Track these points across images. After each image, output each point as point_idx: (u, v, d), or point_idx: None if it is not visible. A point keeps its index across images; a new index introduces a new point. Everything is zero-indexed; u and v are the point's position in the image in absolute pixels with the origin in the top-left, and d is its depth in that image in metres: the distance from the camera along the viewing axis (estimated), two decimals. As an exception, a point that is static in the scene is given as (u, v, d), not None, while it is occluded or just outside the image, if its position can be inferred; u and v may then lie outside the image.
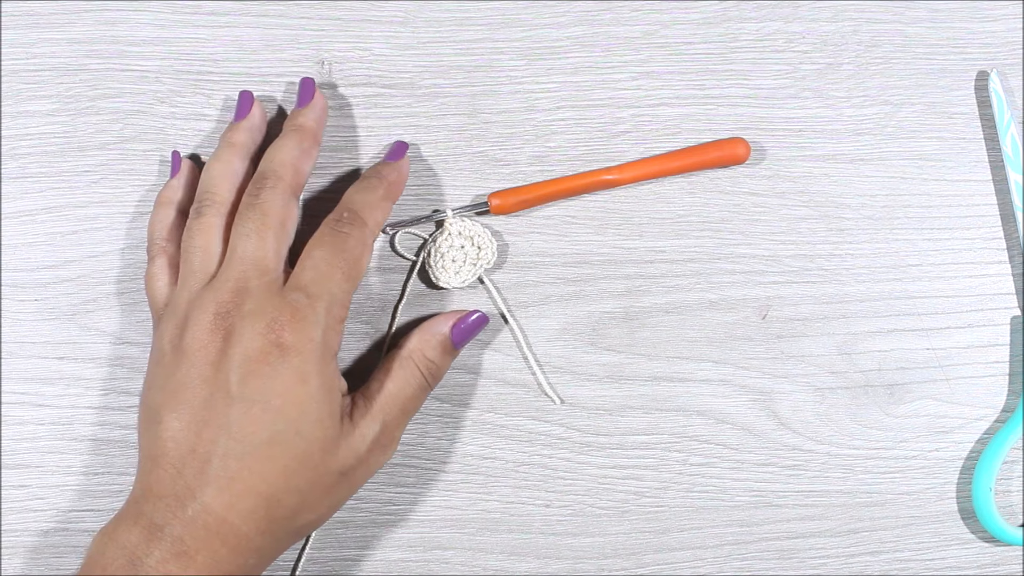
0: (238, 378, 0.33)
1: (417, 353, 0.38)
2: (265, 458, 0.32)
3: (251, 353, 0.33)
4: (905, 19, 0.43)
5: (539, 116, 0.42)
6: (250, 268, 0.35)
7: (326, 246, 0.35)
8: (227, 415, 0.32)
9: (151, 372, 0.35)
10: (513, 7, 0.42)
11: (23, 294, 0.40)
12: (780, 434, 0.42)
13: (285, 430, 0.33)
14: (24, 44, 0.41)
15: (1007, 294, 0.43)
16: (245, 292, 0.34)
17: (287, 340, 0.33)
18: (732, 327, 0.42)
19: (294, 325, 0.33)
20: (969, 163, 0.43)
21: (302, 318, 0.34)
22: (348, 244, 0.36)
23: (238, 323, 0.33)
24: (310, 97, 0.39)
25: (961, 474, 0.42)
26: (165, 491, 0.32)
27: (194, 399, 0.33)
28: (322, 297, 0.34)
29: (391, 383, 0.37)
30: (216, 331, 0.33)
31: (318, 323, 0.34)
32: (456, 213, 0.41)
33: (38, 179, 0.41)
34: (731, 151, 0.42)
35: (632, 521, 0.41)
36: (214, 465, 0.32)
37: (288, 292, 0.34)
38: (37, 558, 0.40)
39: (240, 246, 0.35)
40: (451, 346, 0.39)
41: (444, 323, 0.39)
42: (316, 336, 0.34)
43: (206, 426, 0.32)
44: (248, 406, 0.33)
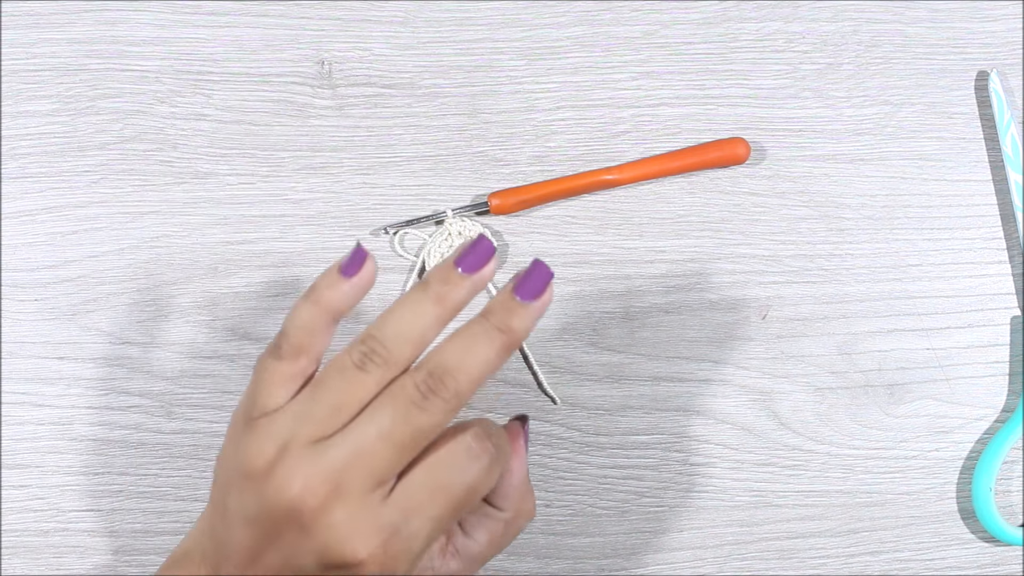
0: (313, 569, 0.29)
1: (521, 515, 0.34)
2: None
3: (330, 561, 0.29)
4: (905, 19, 0.43)
5: (539, 116, 0.42)
6: (362, 465, 0.29)
7: (455, 468, 0.30)
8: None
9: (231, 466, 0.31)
10: (513, 7, 0.42)
11: (23, 294, 0.40)
12: (780, 434, 0.42)
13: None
14: (24, 44, 0.41)
15: (1007, 294, 0.43)
16: (344, 490, 0.29)
17: (369, 569, 0.29)
18: (732, 327, 0.42)
19: (382, 559, 0.29)
20: (969, 163, 0.43)
21: (394, 550, 0.29)
22: (482, 475, 0.30)
23: (325, 521, 0.29)
24: (538, 294, 0.30)
25: (961, 474, 0.42)
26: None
27: (265, 555, 0.30)
28: (424, 530, 0.29)
29: (492, 549, 0.33)
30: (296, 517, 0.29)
31: (411, 555, 0.29)
32: (456, 213, 0.41)
33: (38, 179, 0.41)
34: (731, 151, 0.42)
35: (632, 521, 0.41)
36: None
37: (388, 512, 0.29)
38: (37, 558, 0.40)
39: (369, 433, 0.29)
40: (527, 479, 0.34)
41: (524, 464, 0.34)
42: (403, 567, 0.29)
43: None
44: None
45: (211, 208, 0.41)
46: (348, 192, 0.41)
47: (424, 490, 0.29)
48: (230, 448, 0.31)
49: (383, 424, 0.29)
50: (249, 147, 0.41)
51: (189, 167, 0.41)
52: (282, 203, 0.41)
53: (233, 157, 0.41)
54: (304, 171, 0.41)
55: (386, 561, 0.29)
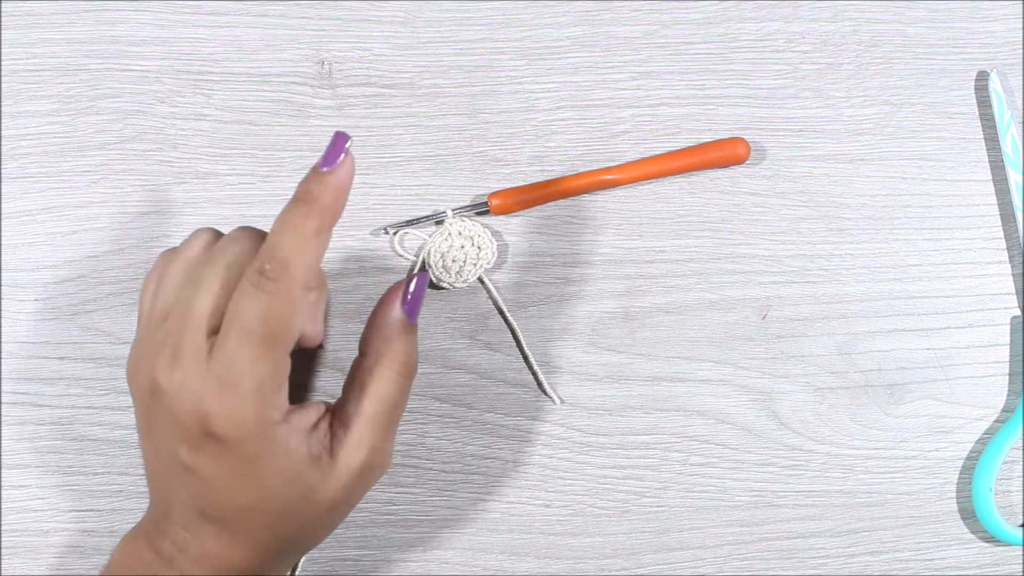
0: (185, 452, 0.31)
1: (386, 356, 0.33)
2: (245, 522, 0.31)
3: (187, 431, 0.30)
4: (905, 19, 0.43)
5: (539, 116, 0.42)
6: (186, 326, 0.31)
7: (247, 308, 0.30)
8: (190, 483, 0.31)
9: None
10: (513, 7, 0.42)
11: (23, 294, 0.40)
12: (780, 434, 0.42)
13: (253, 502, 0.31)
14: (24, 44, 0.41)
15: (1007, 294, 0.43)
16: (178, 357, 0.30)
17: (218, 429, 0.30)
18: (732, 327, 0.42)
19: (219, 409, 0.30)
20: (969, 163, 0.43)
21: (230, 400, 0.30)
22: (272, 303, 0.30)
23: (169, 398, 0.30)
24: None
25: (961, 474, 0.42)
26: (166, 527, 0.32)
27: (160, 455, 0.32)
28: (246, 375, 0.30)
29: (367, 401, 0.33)
30: (153, 390, 0.31)
31: (249, 401, 0.30)
32: (456, 213, 0.41)
33: (38, 179, 0.41)
34: (731, 151, 0.42)
35: (632, 521, 0.41)
36: (197, 519, 0.31)
37: (215, 366, 0.30)
38: (37, 558, 0.40)
39: (186, 295, 0.31)
40: (411, 326, 0.34)
41: (394, 307, 0.34)
42: (249, 415, 0.30)
43: (176, 486, 0.31)
44: (206, 481, 0.31)
45: (211, 208, 0.41)
46: (348, 192, 0.41)
47: (230, 339, 0.30)
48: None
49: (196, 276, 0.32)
50: (249, 147, 0.41)
51: (189, 167, 0.41)
52: (282, 203, 0.41)
53: (233, 157, 0.41)
54: (304, 171, 0.41)
55: (228, 419, 0.30)
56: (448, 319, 0.41)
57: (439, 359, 0.41)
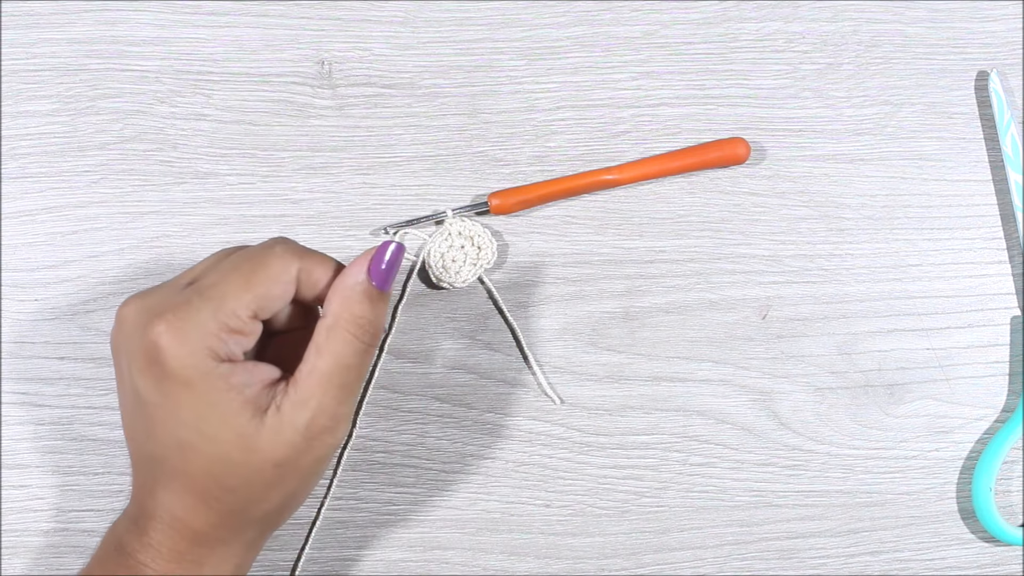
0: (138, 382, 0.31)
1: (344, 317, 0.33)
2: (183, 461, 0.32)
3: (134, 350, 0.31)
4: (905, 19, 0.43)
5: (539, 116, 0.42)
6: (182, 275, 0.33)
7: (245, 257, 0.33)
8: (142, 421, 0.32)
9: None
10: (513, 7, 0.42)
11: (23, 294, 0.40)
12: (780, 434, 0.42)
13: (189, 436, 0.31)
14: (24, 44, 0.41)
15: (1007, 294, 0.43)
16: (156, 289, 0.33)
17: (163, 341, 0.30)
18: (732, 327, 0.42)
19: (173, 324, 0.31)
20: (969, 163, 0.43)
21: (182, 317, 0.31)
22: (267, 261, 0.32)
23: (128, 314, 0.32)
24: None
25: (961, 474, 0.42)
26: (135, 490, 0.34)
27: (123, 401, 0.33)
28: (212, 299, 0.31)
29: (320, 360, 0.32)
30: (119, 319, 0.32)
31: (198, 324, 0.31)
32: (456, 213, 0.41)
33: (38, 179, 0.41)
34: (731, 151, 0.42)
35: (632, 521, 0.41)
36: (148, 469, 0.32)
37: (183, 291, 0.32)
38: (37, 558, 0.40)
39: (211, 280, 0.32)
40: (376, 292, 0.33)
41: (359, 271, 0.33)
42: (195, 338, 0.31)
43: (134, 430, 0.33)
44: (152, 411, 0.31)
45: (211, 208, 0.41)
46: (348, 192, 0.41)
47: (212, 274, 0.32)
48: None
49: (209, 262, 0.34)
50: (249, 147, 0.41)
51: (189, 167, 0.41)
52: (282, 203, 0.41)
53: (233, 157, 0.41)
54: (304, 171, 0.41)
55: (174, 333, 0.31)
56: (448, 319, 0.41)
57: (439, 359, 0.41)
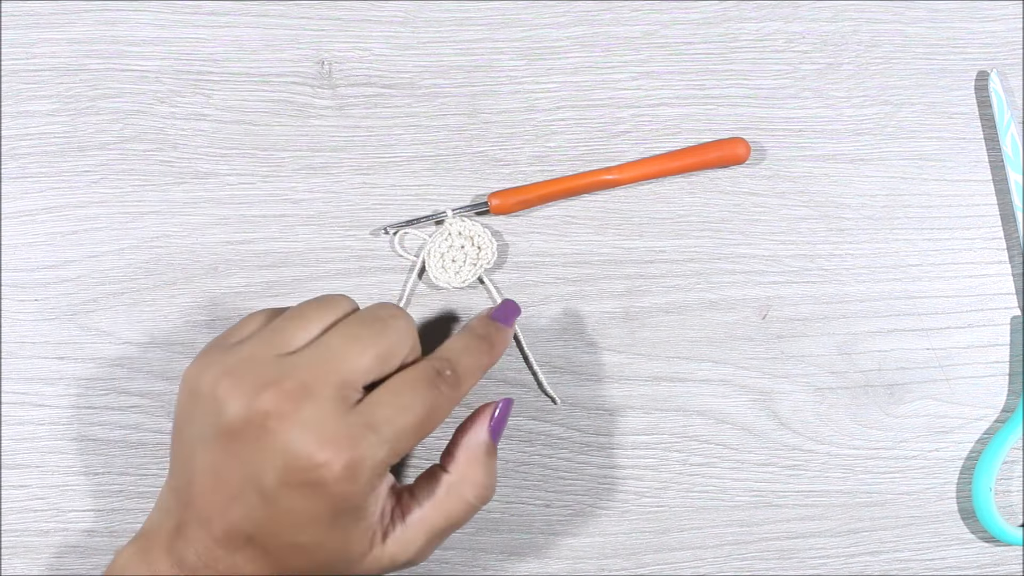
0: (273, 482, 0.30)
1: (468, 479, 0.34)
2: (287, 557, 0.32)
3: (293, 467, 0.30)
4: (905, 19, 0.43)
5: (539, 116, 0.42)
6: (331, 369, 0.31)
7: (416, 391, 0.32)
8: (257, 507, 0.31)
9: (185, 404, 0.33)
10: (513, 7, 0.42)
11: (23, 294, 0.40)
12: (780, 434, 0.42)
13: (309, 544, 0.31)
14: (24, 44, 0.41)
15: (1007, 294, 0.43)
16: (310, 394, 0.30)
17: (331, 475, 0.30)
18: (732, 327, 0.42)
19: (346, 461, 0.30)
20: (969, 163, 0.43)
21: (357, 456, 0.30)
22: (439, 402, 0.32)
23: (287, 428, 0.30)
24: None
25: (961, 474, 0.42)
26: (197, 538, 0.32)
27: (229, 473, 0.31)
28: (388, 440, 0.31)
29: (434, 514, 0.34)
30: (261, 419, 0.30)
31: (372, 465, 0.31)
32: (456, 213, 0.41)
33: (38, 179, 0.41)
34: (731, 151, 0.42)
35: (632, 521, 0.41)
36: (242, 541, 0.31)
37: (354, 419, 0.31)
38: (37, 558, 0.40)
39: (336, 343, 0.32)
40: (494, 449, 0.36)
41: (481, 430, 0.36)
42: (363, 477, 0.30)
43: (236, 502, 0.31)
44: (278, 512, 0.31)
45: (211, 208, 0.41)
46: (348, 192, 0.41)
47: (387, 406, 0.31)
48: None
49: (352, 332, 0.32)
50: (249, 147, 0.41)
51: (189, 167, 0.41)
52: (282, 203, 0.41)
53: (233, 157, 0.41)
54: (304, 171, 0.41)
55: (346, 471, 0.30)
56: (448, 319, 0.41)
57: (439, 359, 0.41)
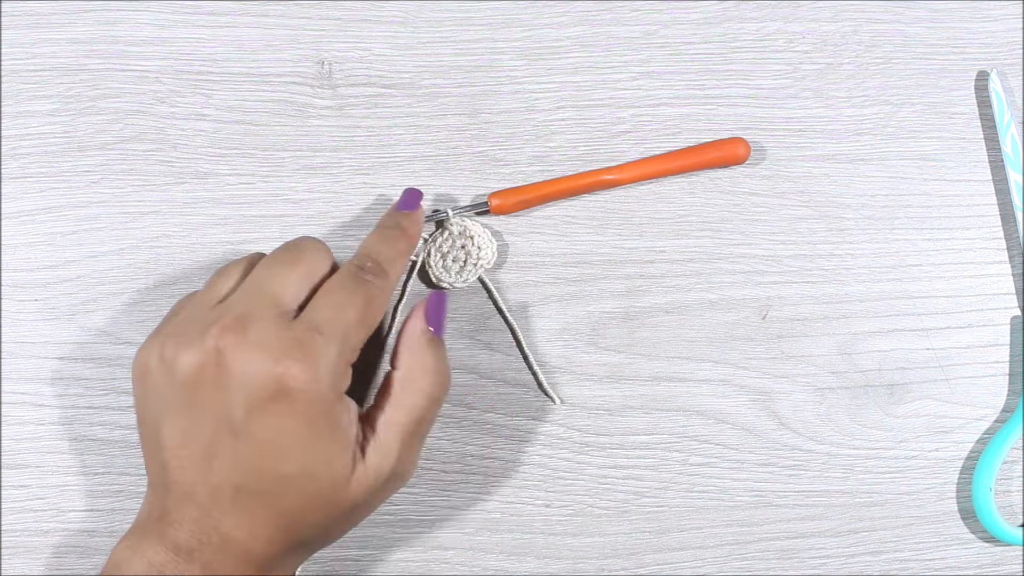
0: (243, 413, 0.31)
1: (416, 370, 0.35)
2: (279, 495, 0.32)
3: (255, 389, 0.31)
4: (905, 19, 0.43)
5: (539, 116, 0.42)
6: (261, 295, 0.33)
7: (347, 289, 0.34)
8: (236, 450, 0.31)
9: (139, 388, 0.34)
10: (513, 7, 0.42)
11: (23, 294, 0.40)
12: (780, 434, 0.42)
13: (295, 472, 0.32)
14: (24, 44, 0.41)
15: (1007, 294, 0.43)
16: (250, 320, 0.32)
17: (294, 382, 0.31)
18: (732, 327, 0.42)
19: (302, 365, 0.31)
20: (969, 163, 0.43)
21: (311, 357, 0.31)
22: (370, 291, 0.34)
23: (240, 355, 0.31)
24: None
25: (961, 474, 0.42)
26: (185, 517, 0.32)
27: (198, 430, 0.32)
28: (336, 337, 0.32)
29: (397, 413, 0.34)
30: (214, 358, 0.31)
31: (328, 363, 0.32)
32: (456, 213, 0.41)
33: (38, 179, 0.41)
34: (731, 151, 0.42)
35: (632, 521, 0.41)
36: (230, 497, 0.31)
37: (298, 327, 0.32)
38: (37, 558, 0.40)
39: (259, 275, 0.34)
40: (437, 339, 0.36)
41: (417, 320, 0.36)
42: (324, 377, 0.32)
43: (216, 458, 0.31)
44: (256, 444, 0.31)
45: (211, 208, 0.41)
46: (348, 192, 0.41)
47: (324, 308, 0.33)
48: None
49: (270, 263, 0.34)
50: (249, 147, 0.41)
51: (189, 167, 0.41)
52: (282, 203, 0.41)
53: (233, 157, 0.41)
54: (304, 171, 0.41)
55: (306, 373, 0.31)
56: (448, 319, 0.41)
57: (439, 359, 0.41)
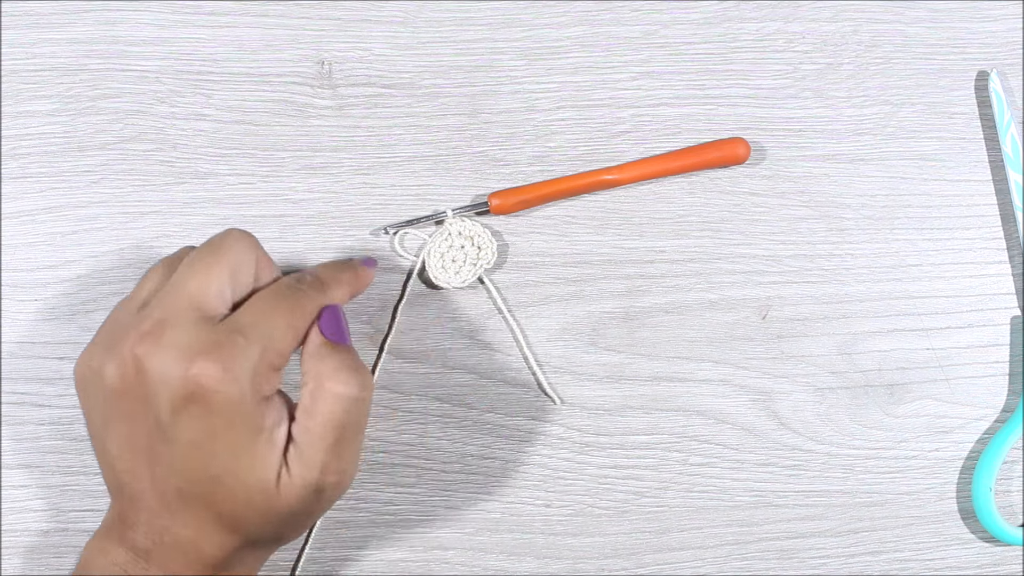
0: (168, 417, 0.31)
1: (323, 374, 0.33)
2: (214, 496, 0.31)
3: (173, 392, 0.30)
4: (905, 19, 0.43)
5: (539, 116, 0.42)
6: (181, 298, 0.31)
7: (278, 296, 0.33)
8: (170, 455, 0.31)
9: (81, 397, 0.33)
10: (513, 7, 0.42)
11: (23, 294, 0.40)
12: (780, 434, 0.42)
13: (223, 474, 0.31)
14: (24, 44, 0.41)
15: (1007, 294, 0.43)
16: (167, 324, 0.31)
17: (208, 381, 0.30)
18: (732, 327, 0.42)
19: (217, 365, 0.30)
20: (969, 163, 0.43)
21: (229, 358, 0.30)
22: (301, 300, 0.33)
23: (157, 359, 0.30)
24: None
25: (961, 474, 0.42)
26: (139, 519, 0.32)
27: (136, 437, 0.31)
28: (258, 339, 0.31)
29: (311, 422, 0.32)
30: (135, 364, 0.31)
31: (248, 365, 0.30)
32: (456, 213, 0.41)
33: (38, 179, 0.41)
34: (731, 151, 0.42)
35: (632, 521, 0.41)
36: (174, 499, 0.31)
37: (220, 329, 0.31)
38: (37, 558, 0.40)
39: (181, 275, 0.32)
40: (332, 343, 0.34)
41: (315, 335, 0.34)
42: (242, 377, 0.30)
43: (156, 463, 0.31)
44: (184, 448, 0.31)
45: (211, 208, 0.41)
46: (348, 192, 0.41)
47: (250, 313, 0.32)
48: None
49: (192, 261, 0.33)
50: (249, 147, 0.41)
51: (189, 167, 0.41)
52: (282, 203, 0.41)
53: (233, 157, 0.41)
54: (304, 171, 0.41)
55: (222, 372, 0.30)
56: (448, 319, 0.41)
57: (439, 359, 0.41)
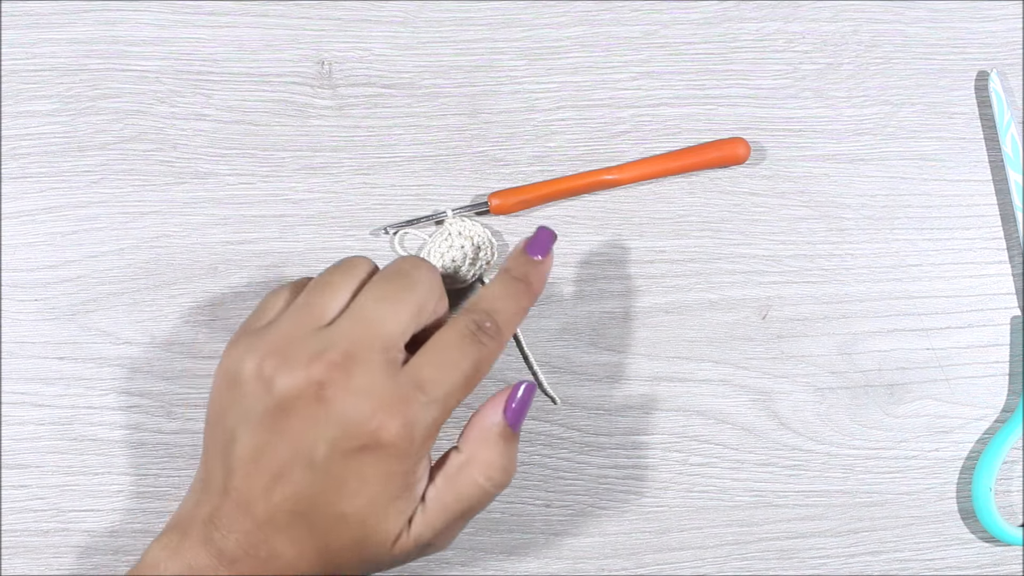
0: (326, 450, 0.31)
1: (478, 459, 0.34)
2: (329, 531, 0.32)
3: (347, 435, 0.31)
4: (905, 19, 0.43)
5: (539, 116, 0.42)
6: (371, 334, 0.32)
7: (460, 348, 0.33)
8: (308, 482, 0.31)
9: (224, 393, 0.33)
10: (513, 7, 0.42)
11: (23, 294, 0.40)
12: (780, 434, 0.42)
13: (352, 515, 0.32)
14: (24, 44, 0.41)
15: (1007, 294, 0.43)
16: (357, 361, 0.31)
17: (387, 437, 0.31)
18: (732, 327, 0.42)
19: (399, 422, 0.31)
20: (969, 163, 0.43)
21: (409, 413, 0.31)
22: (481, 355, 0.33)
23: (341, 396, 0.31)
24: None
25: (961, 474, 0.42)
26: (236, 526, 0.32)
27: (275, 451, 0.31)
28: (438, 400, 0.32)
29: (447, 495, 0.33)
30: (315, 390, 0.31)
31: (424, 426, 0.31)
32: (456, 213, 0.41)
33: (38, 179, 0.41)
34: (731, 151, 0.42)
35: (632, 521, 0.41)
36: (286, 520, 0.31)
37: (403, 379, 0.31)
38: (37, 558, 0.40)
39: (371, 307, 0.32)
40: (510, 433, 0.34)
41: (496, 411, 0.35)
42: (417, 438, 0.31)
43: (283, 482, 0.31)
44: (328, 481, 0.31)
45: (211, 208, 0.41)
46: (348, 192, 0.41)
47: (433, 366, 0.32)
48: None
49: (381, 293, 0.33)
50: (249, 147, 0.41)
51: (189, 167, 0.41)
52: (282, 203, 0.41)
53: (233, 157, 0.41)
54: (304, 171, 0.41)
55: (402, 430, 0.31)
56: (448, 319, 0.41)
57: (439, 359, 0.41)
